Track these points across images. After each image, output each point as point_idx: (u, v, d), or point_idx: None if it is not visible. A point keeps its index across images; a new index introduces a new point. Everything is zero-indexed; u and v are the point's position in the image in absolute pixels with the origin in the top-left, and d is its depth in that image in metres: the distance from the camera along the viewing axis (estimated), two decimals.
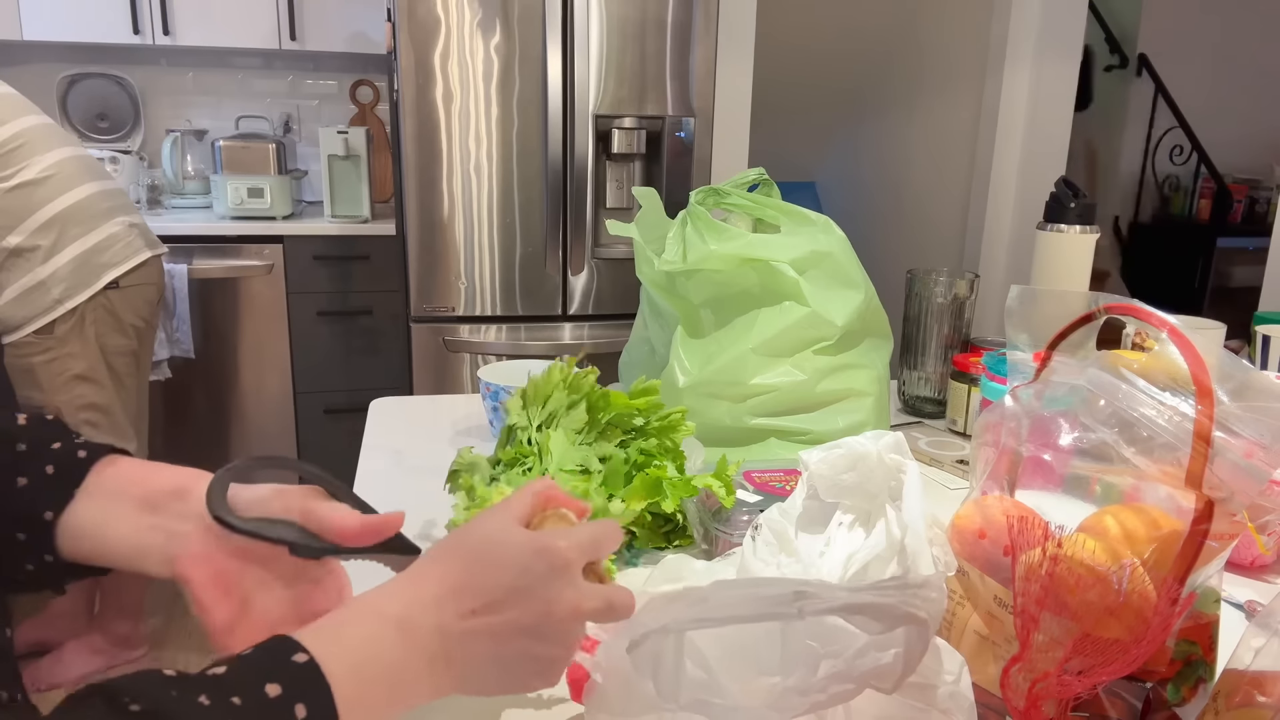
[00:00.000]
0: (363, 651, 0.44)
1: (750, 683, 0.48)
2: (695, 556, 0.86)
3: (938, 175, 3.60)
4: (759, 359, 1.03)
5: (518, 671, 0.48)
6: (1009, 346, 0.67)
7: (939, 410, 1.28)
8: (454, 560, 0.48)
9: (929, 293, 1.26)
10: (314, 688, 0.41)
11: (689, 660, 0.47)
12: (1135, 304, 0.59)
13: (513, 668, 0.47)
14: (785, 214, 1.08)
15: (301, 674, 0.41)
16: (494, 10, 2.38)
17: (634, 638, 0.47)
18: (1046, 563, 0.51)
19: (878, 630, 0.48)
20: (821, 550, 0.69)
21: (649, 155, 2.62)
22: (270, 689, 0.40)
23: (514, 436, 0.86)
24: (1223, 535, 0.53)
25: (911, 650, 0.48)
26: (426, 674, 0.46)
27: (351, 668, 0.43)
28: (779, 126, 4.08)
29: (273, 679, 0.41)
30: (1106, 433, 0.55)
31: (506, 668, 0.47)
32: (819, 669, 0.47)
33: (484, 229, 2.53)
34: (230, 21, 3.03)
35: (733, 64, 2.85)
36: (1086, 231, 1.27)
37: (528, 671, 0.48)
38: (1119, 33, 4.88)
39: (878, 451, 0.69)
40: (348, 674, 0.42)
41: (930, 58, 3.64)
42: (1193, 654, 0.57)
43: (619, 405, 0.89)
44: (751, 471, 0.93)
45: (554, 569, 0.47)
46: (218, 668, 0.41)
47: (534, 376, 0.87)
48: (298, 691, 0.41)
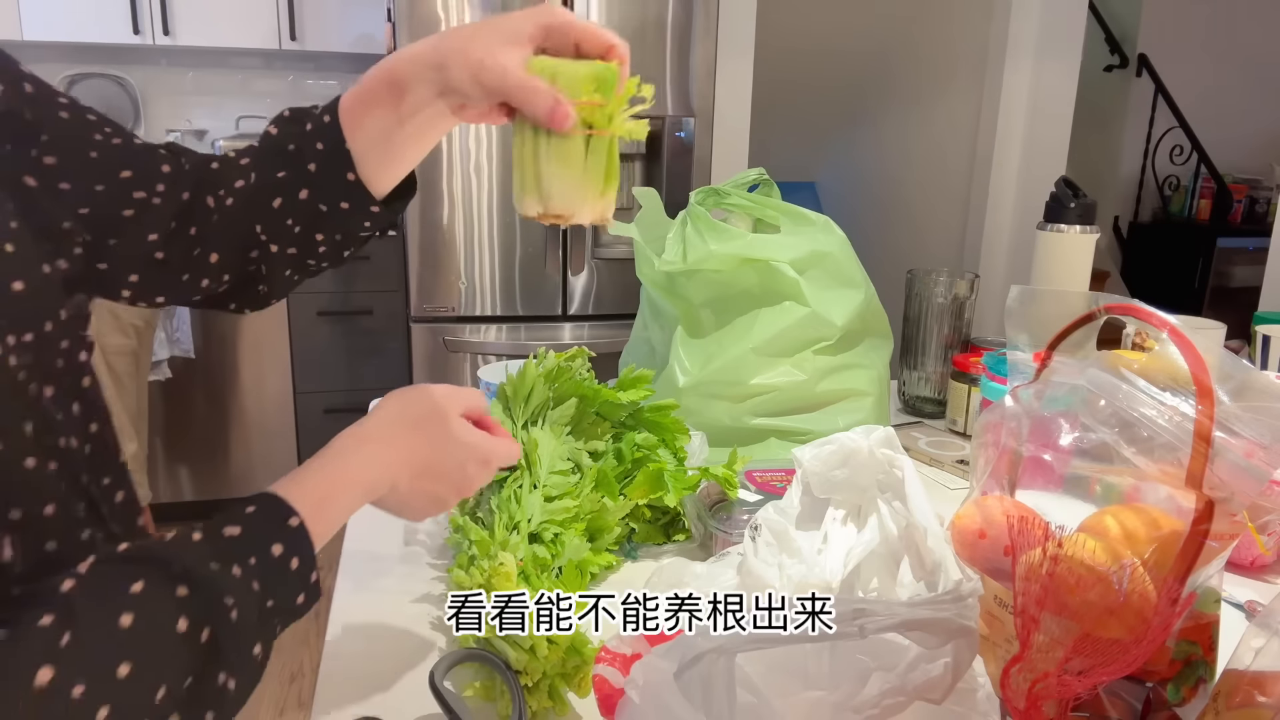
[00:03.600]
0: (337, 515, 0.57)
1: (795, 696, 0.48)
2: (693, 552, 0.86)
3: (938, 175, 3.60)
4: (759, 359, 1.03)
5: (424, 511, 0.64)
6: (1009, 346, 0.67)
7: (939, 410, 1.28)
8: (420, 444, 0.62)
9: (929, 293, 1.26)
10: (303, 545, 0.52)
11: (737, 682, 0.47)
12: (1135, 304, 0.59)
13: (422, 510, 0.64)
14: (785, 214, 1.08)
15: (295, 535, 0.52)
16: (494, 10, 2.38)
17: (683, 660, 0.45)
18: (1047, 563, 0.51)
19: (934, 644, 0.48)
20: (819, 548, 0.69)
21: (649, 155, 2.62)
22: (275, 549, 0.51)
23: None
24: (1223, 535, 0.53)
25: (960, 660, 0.48)
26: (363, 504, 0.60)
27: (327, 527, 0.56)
28: (779, 126, 4.08)
29: (276, 540, 0.51)
30: (1106, 433, 0.55)
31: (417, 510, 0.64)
32: (869, 682, 0.48)
33: (484, 229, 2.53)
34: (230, 21, 3.03)
35: (733, 64, 2.85)
36: (1086, 231, 1.27)
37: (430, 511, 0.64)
38: (1119, 33, 4.88)
39: (869, 446, 0.69)
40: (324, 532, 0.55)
41: (930, 58, 3.64)
42: (1193, 654, 0.57)
43: (607, 396, 0.88)
44: (753, 471, 0.93)
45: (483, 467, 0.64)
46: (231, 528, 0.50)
47: (511, 375, 0.86)
48: (293, 549, 0.52)
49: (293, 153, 0.66)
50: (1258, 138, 5.15)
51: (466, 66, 0.59)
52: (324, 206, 0.66)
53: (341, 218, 0.67)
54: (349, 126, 0.65)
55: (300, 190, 0.66)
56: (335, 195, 0.66)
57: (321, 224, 0.67)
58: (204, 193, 0.66)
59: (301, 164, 0.65)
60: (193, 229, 0.65)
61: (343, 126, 0.65)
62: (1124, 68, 4.91)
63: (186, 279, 0.67)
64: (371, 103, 0.64)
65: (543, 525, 0.76)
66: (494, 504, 0.77)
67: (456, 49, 0.59)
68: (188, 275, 0.67)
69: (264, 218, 0.66)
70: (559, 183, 0.58)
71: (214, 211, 0.66)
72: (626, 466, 0.87)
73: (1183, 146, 4.94)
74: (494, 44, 0.58)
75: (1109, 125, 5.01)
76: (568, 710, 0.64)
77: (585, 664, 0.62)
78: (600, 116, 0.57)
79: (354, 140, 0.65)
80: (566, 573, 0.74)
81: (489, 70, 0.58)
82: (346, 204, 0.66)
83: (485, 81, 0.58)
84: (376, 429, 0.61)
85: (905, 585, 0.65)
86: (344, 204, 0.66)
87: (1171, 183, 5.09)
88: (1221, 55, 4.96)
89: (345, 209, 0.66)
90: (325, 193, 0.66)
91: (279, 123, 0.67)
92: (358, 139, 0.65)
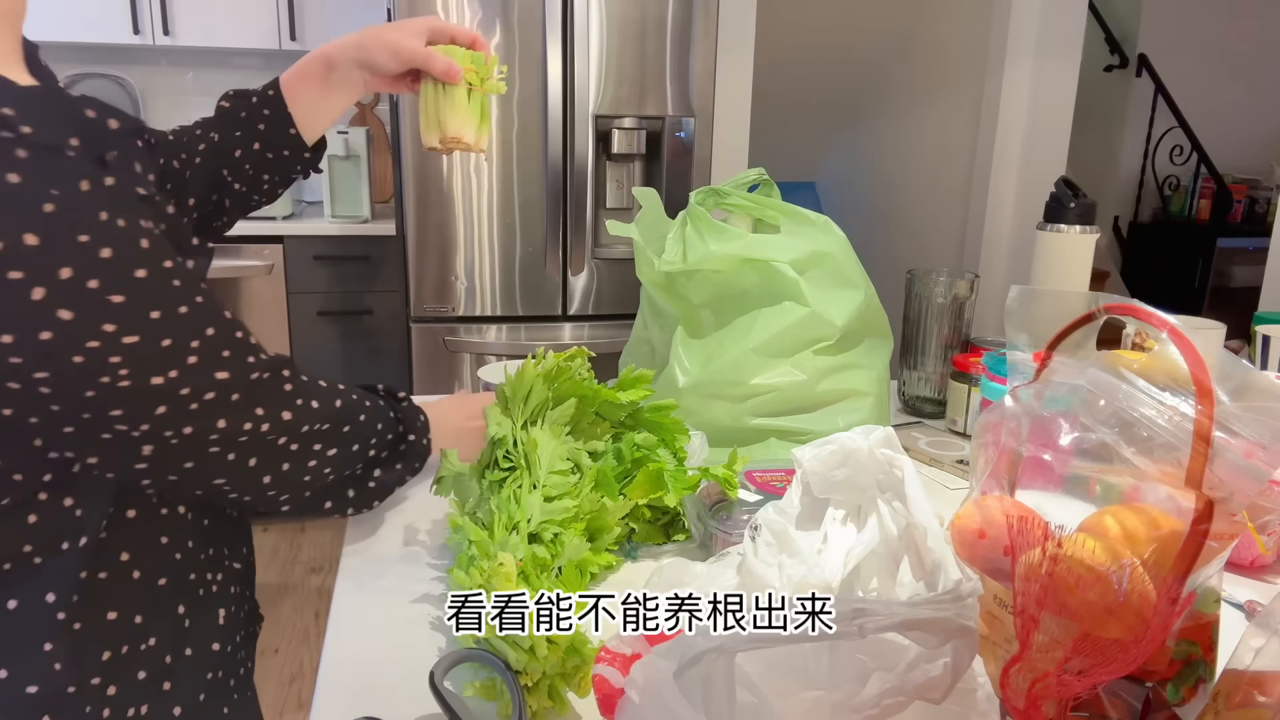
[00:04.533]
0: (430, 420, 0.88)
1: (795, 696, 0.48)
2: (693, 551, 0.86)
3: (938, 175, 3.60)
4: (759, 359, 1.03)
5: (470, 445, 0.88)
6: (1009, 346, 0.67)
7: (939, 410, 1.28)
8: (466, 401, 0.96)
9: (929, 293, 1.26)
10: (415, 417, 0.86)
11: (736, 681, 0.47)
12: (1135, 304, 0.59)
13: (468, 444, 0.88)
14: (785, 214, 1.08)
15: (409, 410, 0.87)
16: (494, 10, 2.38)
17: (683, 660, 0.45)
18: (1046, 563, 0.51)
19: (934, 644, 0.48)
20: (819, 548, 0.69)
21: (649, 155, 2.62)
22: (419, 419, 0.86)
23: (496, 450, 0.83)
24: (1223, 535, 0.53)
25: (960, 660, 0.48)
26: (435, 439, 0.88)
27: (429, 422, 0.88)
28: (779, 127, 4.08)
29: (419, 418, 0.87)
30: (1106, 433, 0.55)
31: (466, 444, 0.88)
32: (869, 682, 0.48)
33: (484, 229, 2.53)
34: (230, 21, 3.03)
35: (733, 64, 2.85)
36: (1086, 231, 1.27)
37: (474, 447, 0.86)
38: (1119, 33, 4.88)
39: (869, 446, 0.69)
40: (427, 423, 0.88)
41: (930, 58, 3.64)
42: (1193, 654, 0.57)
43: (606, 396, 0.88)
44: (753, 471, 0.93)
45: None
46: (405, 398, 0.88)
47: (509, 375, 0.87)
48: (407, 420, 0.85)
49: (244, 118, 0.92)
50: (1258, 138, 5.16)
51: (384, 47, 0.89)
52: (270, 155, 0.93)
53: (283, 163, 0.95)
54: (289, 95, 0.92)
55: (254, 143, 0.92)
56: (279, 145, 0.93)
57: (268, 167, 0.94)
58: (169, 159, 0.89)
59: (253, 124, 0.92)
60: (168, 185, 0.88)
61: (284, 95, 0.92)
62: (1124, 68, 4.91)
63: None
64: (307, 76, 0.92)
65: (542, 525, 0.76)
66: (493, 504, 0.77)
67: (374, 36, 0.89)
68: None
69: (229, 164, 0.91)
70: (452, 119, 0.89)
71: (183, 169, 0.89)
72: (626, 466, 0.87)
73: (1183, 146, 4.95)
74: (403, 34, 0.89)
75: (1109, 125, 5.01)
76: (568, 710, 0.64)
77: (585, 664, 0.62)
78: (475, 78, 0.90)
79: (293, 105, 0.92)
80: (566, 573, 0.74)
81: (403, 48, 0.88)
82: (287, 151, 0.94)
83: (400, 55, 0.88)
84: None
85: (905, 585, 0.65)
86: (285, 151, 0.94)
87: (1171, 183, 5.09)
88: (1221, 55, 4.96)
89: (287, 155, 0.94)
90: (272, 144, 0.93)
91: (228, 99, 0.93)
92: (296, 103, 0.92)
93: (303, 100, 0.92)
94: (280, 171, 0.95)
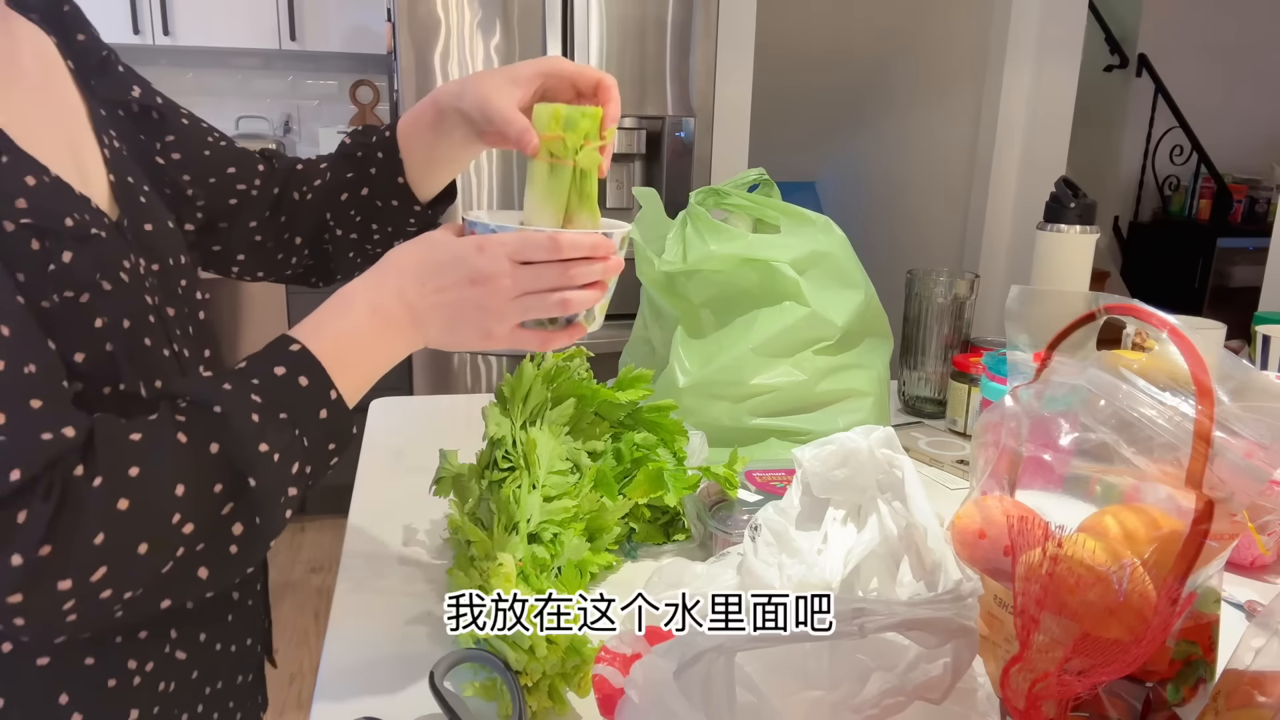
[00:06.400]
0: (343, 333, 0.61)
1: (795, 696, 0.48)
2: (693, 551, 0.86)
3: (938, 175, 3.60)
4: (759, 359, 1.03)
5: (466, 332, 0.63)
6: (1009, 346, 0.67)
7: (939, 410, 1.28)
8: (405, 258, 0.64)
9: (929, 293, 1.26)
10: (308, 364, 0.58)
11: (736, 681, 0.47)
12: (1135, 304, 0.59)
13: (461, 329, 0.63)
14: (785, 214, 1.08)
15: (297, 358, 0.58)
16: (494, 10, 2.38)
17: (683, 660, 0.45)
18: (1047, 563, 0.51)
19: (934, 644, 0.48)
20: (819, 548, 0.69)
21: (649, 155, 2.62)
22: (278, 370, 0.57)
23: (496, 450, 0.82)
24: (1223, 535, 0.53)
25: (960, 660, 0.48)
26: (398, 336, 0.62)
27: (334, 345, 0.60)
28: (779, 126, 4.08)
29: (278, 364, 0.58)
30: (1106, 433, 0.55)
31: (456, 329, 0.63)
32: (869, 682, 0.48)
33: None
34: (230, 21, 3.03)
35: (733, 64, 2.85)
36: (1086, 231, 1.27)
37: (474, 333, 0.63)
38: (1119, 33, 4.88)
39: (869, 446, 0.69)
40: (331, 350, 0.59)
41: (930, 58, 3.64)
42: (1193, 654, 0.57)
43: (605, 396, 0.88)
44: (753, 471, 0.93)
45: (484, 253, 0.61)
46: (240, 364, 0.58)
47: (509, 377, 0.86)
48: (297, 369, 0.58)
49: (359, 159, 0.82)
50: (1258, 138, 5.16)
51: (476, 100, 0.72)
52: (379, 203, 0.82)
53: (393, 213, 0.82)
54: (403, 140, 0.80)
55: (362, 188, 0.82)
56: (388, 194, 0.82)
57: (378, 216, 0.83)
58: (290, 188, 0.83)
59: (365, 168, 0.81)
60: (283, 217, 0.83)
61: (398, 140, 0.80)
62: (1124, 68, 4.91)
63: (280, 258, 0.85)
64: (420, 123, 0.79)
65: (542, 525, 0.75)
66: (493, 504, 0.77)
67: (475, 83, 0.73)
68: (280, 255, 0.84)
69: (334, 209, 0.83)
70: (528, 198, 0.68)
71: (299, 203, 0.83)
72: (626, 466, 0.87)
73: (1183, 146, 4.95)
74: (500, 84, 0.71)
75: (1109, 125, 5.01)
76: (568, 710, 0.64)
77: (585, 664, 0.62)
78: (561, 148, 0.66)
79: (405, 152, 0.80)
80: (566, 573, 0.74)
81: (490, 104, 0.71)
82: (396, 201, 0.82)
83: (486, 112, 0.71)
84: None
85: (905, 585, 0.65)
86: (395, 201, 0.82)
87: (1171, 183, 5.09)
88: (1221, 55, 4.96)
89: (396, 205, 0.82)
90: (381, 191, 0.82)
91: (353, 135, 0.83)
92: (408, 151, 0.80)
93: (415, 148, 0.80)
94: (391, 221, 0.83)
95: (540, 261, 0.61)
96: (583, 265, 0.62)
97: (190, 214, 0.78)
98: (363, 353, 0.61)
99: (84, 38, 0.73)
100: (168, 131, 0.76)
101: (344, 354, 0.60)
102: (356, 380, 0.61)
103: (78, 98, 0.68)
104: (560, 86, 0.72)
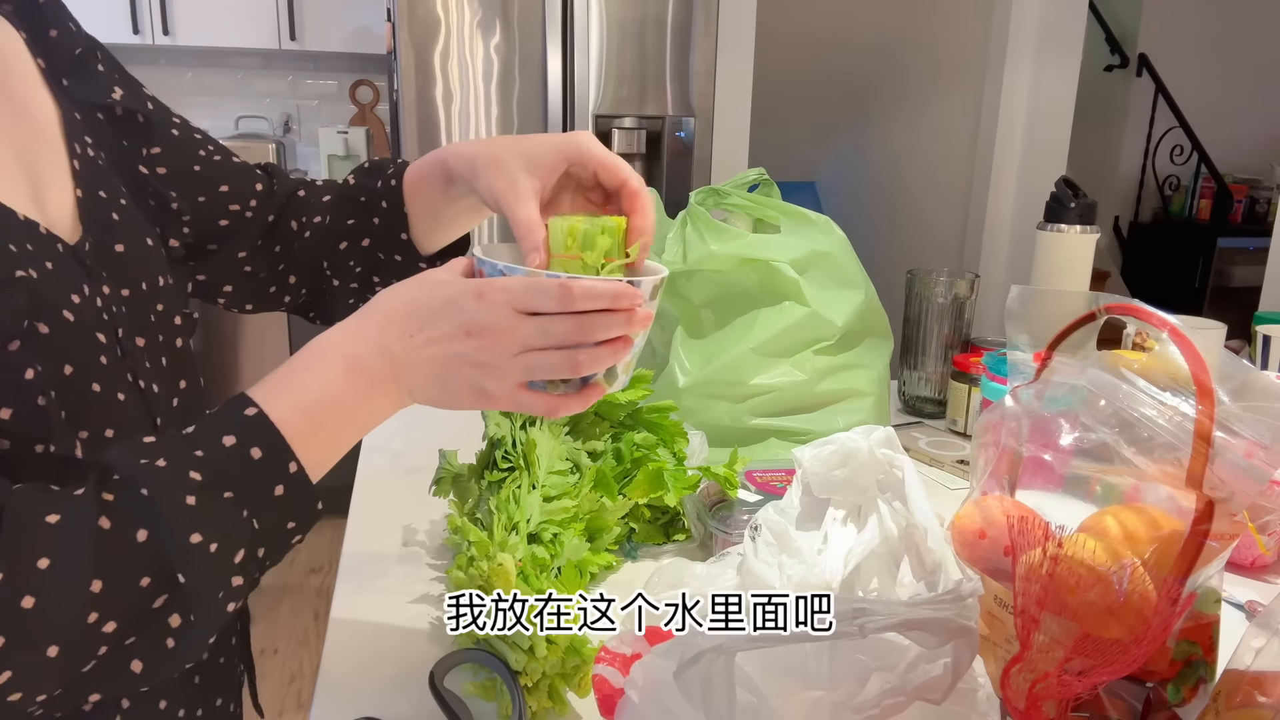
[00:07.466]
0: (312, 393, 0.52)
1: (795, 696, 0.48)
2: (693, 551, 0.86)
3: (938, 175, 3.60)
4: (759, 359, 1.03)
5: (458, 390, 0.54)
6: (1009, 346, 0.67)
7: (939, 410, 1.28)
8: (394, 302, 0.55)
9: (929, 293, 1.26)
10: (264, 432, 0.49)
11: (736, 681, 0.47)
12: (1135, 304, 0.59)
13: (452, 387, 0.54)
14: (785, 214, 1.08)
15: (251, 424, 0.49)
16: (494, 10, 2.38)
17: (683, 660, 0.45)
18: (1047, 563, 0.51)
19: (934, 644, 0.48)
20: (819, 548, 0.69)
21: (649, 155, 2.62)
22: (226, 440, 0.48)
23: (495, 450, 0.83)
24: (1223, 535, 0.53)
25: (960, 660, 0.48)
26: (379, 394, 0.53)
27: (300, 409, 0.51)
28: (779, 126, 4.08)
29: (228, 432, 0.48)
30: (1106, 433, 0.55)
31: (447, 387, 0.54)
32: (869, 682, 0.48)
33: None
34: (230, 21, 3.03)
35: (733, 64, 2.85)
36: (1086, 231, 1.27)
37: (466, 392, 0.54)
38: (1119, 33, 4.88)
39: (869, 446, 0.69)
40: (296, 415, 0.50)
41: (930, 58, 3.64)
42: (1193, 654, 0.57)
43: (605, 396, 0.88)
44: (753, 471, 0.93)
45: (483, 300, 0.52)
46: (187, 429, 0.49)
47: None
48: (250, 438, 0.48)
49: (363, 204, 0.75)
50: (1258, 138, 5.16)
51: (488, 187, 0.63)
52: (381, 255, 0.76)
53: (395, 267, 0.75)
54: (409, 194, 0.73)
55: (363, 239, 0.75)
56: (390, 248, 0.75)
57: (378, 269, 0.76)
58: (288, 217, 0.76)
59: (368, 216, 0.75)
60: (277, 247, 0.76)
61: (404, 192, 0.73)
62: (1124, 68, 4.91)
63: (273, 291, 0.78)
64: (428, 181, 0.72)
65: (541, 525, 0.76)
66: (492, 504, 0.77)
67: (486, 168, 0.64)
68: (274, 288, 0.78)
69: (330, 256, 0.76)
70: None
71: (295, 237, 0.76)
72: (626, 466, 0.87)
73: (1183, 146, 4.95)
74: (516, 166, 0.62)
75: (1109, 125, 5.01)
76: (568, 710, 0.63)
77: (585, 664, 0.62)
78: (578, 268, 0.57)
79: (411, 207, 0.73)
80: (565, 573, 0.74)
81: (501, 201, 0.62)
82: (399, 257, 0.75)
83: (497, 206, 0.63)
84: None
85: (905, 585, 0.65)
86: (397, 256, 0.75)
87: (1172, 183, 5.10)
88: (1221, 55, 4.96)
89: (398, 260, 0.75)
90: (382, 244, 0.75)
91: (358, 173, 0.77)
92: (413, 207, 0.73)
93: (421, 206, 0.73)
94: (393, 275, 0.74)
95: (549, 313, 0.52)
96: (602, 318, 0.52)
97: (176, 230, 0.70)
98: (335, 415, 0.52)
99: (57, 33, 0.64)
100: (155, 141, 0.69)
101: (312, 418, 0.51)
102: (328, 447, 0.52)
103: (47, 100, 0.61)
104: (584, 174, 0.64)
